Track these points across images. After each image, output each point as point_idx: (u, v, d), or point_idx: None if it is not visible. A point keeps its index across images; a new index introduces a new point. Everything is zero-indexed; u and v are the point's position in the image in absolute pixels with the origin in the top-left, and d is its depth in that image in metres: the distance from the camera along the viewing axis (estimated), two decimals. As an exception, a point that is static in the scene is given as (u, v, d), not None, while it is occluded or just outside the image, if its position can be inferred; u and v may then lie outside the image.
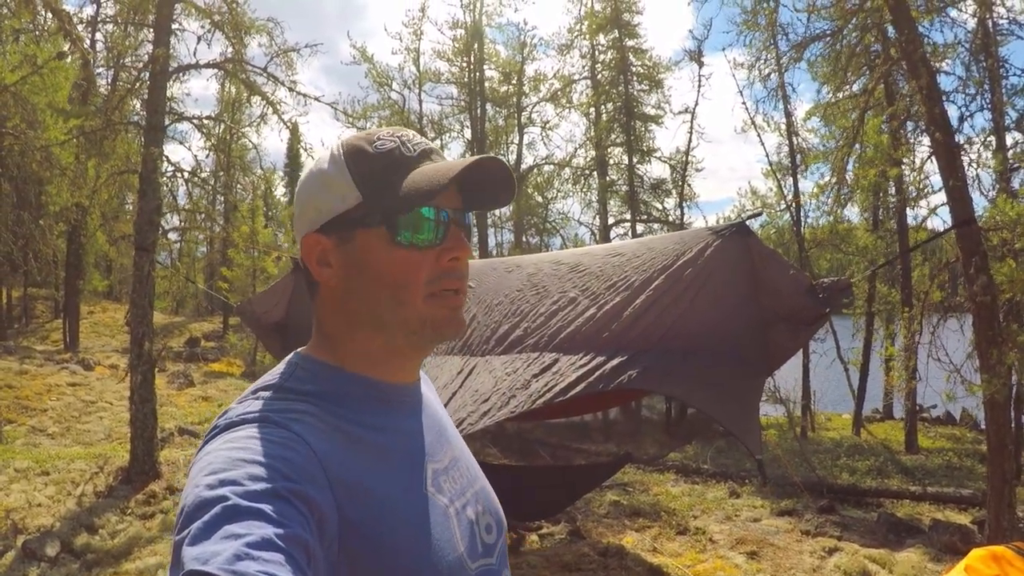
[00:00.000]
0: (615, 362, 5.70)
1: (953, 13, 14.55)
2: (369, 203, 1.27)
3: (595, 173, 29.20)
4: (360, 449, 1.22)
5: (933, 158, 9.50)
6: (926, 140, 14.07)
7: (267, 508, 0.97)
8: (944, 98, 8.30)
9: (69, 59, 15.37)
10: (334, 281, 1.31)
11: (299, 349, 1.38)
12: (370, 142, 1.31)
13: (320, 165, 1.33)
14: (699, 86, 25.82)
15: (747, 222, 6.34)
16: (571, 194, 31.30)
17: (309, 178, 1.35)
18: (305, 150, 16.88)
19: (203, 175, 21.94)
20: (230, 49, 13.04)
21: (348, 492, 1.14)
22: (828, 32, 15.23)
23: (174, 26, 11.47)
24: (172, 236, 30.46)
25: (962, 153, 9.73)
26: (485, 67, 30.43)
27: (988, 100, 14.19)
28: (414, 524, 1.22)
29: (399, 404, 1.37)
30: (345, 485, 1.14)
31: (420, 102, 30.08)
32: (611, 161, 29.33)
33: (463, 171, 1.25)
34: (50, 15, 13.66)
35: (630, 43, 28.67)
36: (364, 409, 1.29)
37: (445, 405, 5.87)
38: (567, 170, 30.86)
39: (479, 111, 30.00)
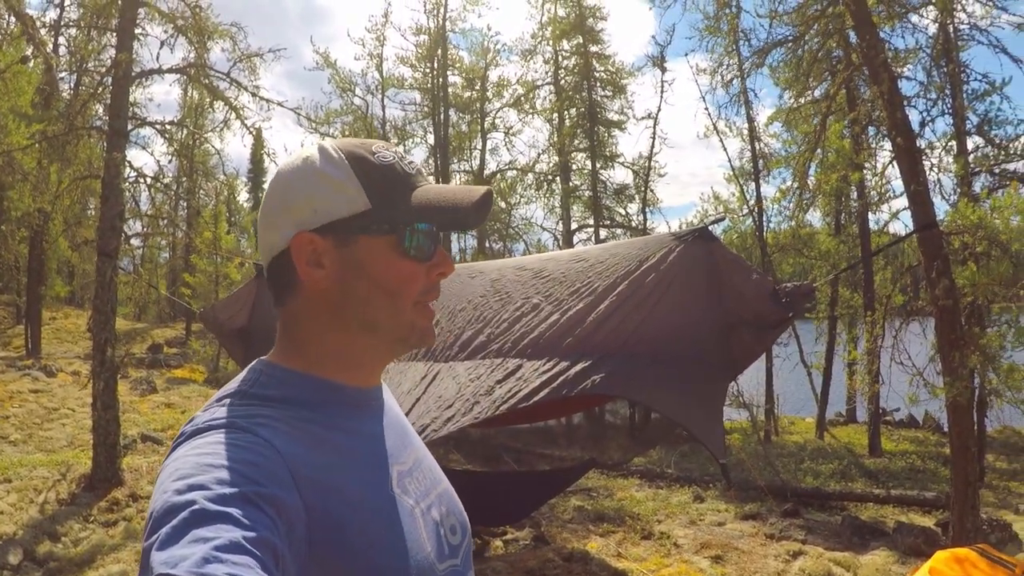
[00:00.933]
0: (579, 367, 5.71)
1: (914, 19, 14.69)
2: (377, 211, 1.28)
3: (558, 179, 29.27)
4: (326, 451, 1.22)
5: (895, 163, 9.56)
6: (888, 144, 14.23)
7: (235, 512, 0.97)
8: (905, 103, 8.38)
9: (32, 64, 15.20)
10: (325, 283, 1.30)
11: (262, 357, 1.37)
12: (369, 152, 1.32)
13: (313, 164, 1.31)
14: (662, 92, 25.99)
15: (710, 227, 6.38)
16: (534, 199, 31.31)
17: (301, 174, 1.32)
18: (268, 155, 16.86)
19: (166, 180, 21.77)
20: (193, 54, 12.98)
21: (316, 494, 1.14)
22: (790, 38, 15.35)
23: (137, 31, 11.35)
24: (135, 242, 30.19)
25: (923, 158, 9.81)
26: (448, 73, 30.41)
27: (949, 105, 14.35)
28: (383, 524, 1.23)
29: (364, 407, 1.38)
30: (313, 487, 1.14)
31: (383, 108, 30.07)
32: (574, 167, 29.38)
33: (484, 198, 1.30)
34: (13, 19, 13.51)
35: (594, 49, 28.75)
36: (329, 412, 1.29)
37: (408, 411, 5.88)
38: (530, 176, 30.85)
39: (442, 116, 29.96)
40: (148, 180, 13.68)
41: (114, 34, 11.60)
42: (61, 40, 22.54)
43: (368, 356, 1.36)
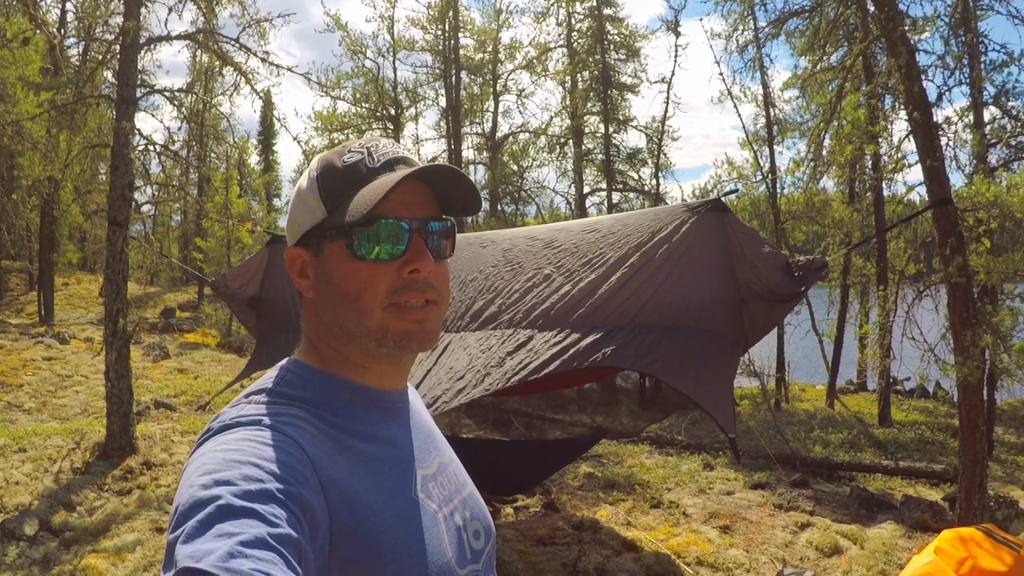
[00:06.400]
0: (589, 339, 5.72)
1: (933, -15, 14.52)
2: (331, 217, 1.29)
3: (571, 142, 29.18)
4: (350, 455, 1.23)
5: (911, 137, 9.47)
6: (904, 113, 14.12)
7: (261, 508, 0.98)
8: (922, 75, 8.27)
9: (32, 41, 15.12)
10: (311, 292, 1.34)
11: (291, 356, 1.40)
12: (340, 155, 1.33)
13: (302, 181, 1.37)
14: (675, 56, 25.88)
15: (723, 198, 6.35)
16: (547, 163, 31.34)
17: (293, 193, 1.39)
18: (278, 120, 16.77)
19: (175, 146, 21.71)
20: (201, 19, 12.90)
21: (339, 496, 1.15)
22: (806, 7, 15.18)
23: (144, -3, 11.28)
24: (146, 208, 30.20)
25: (940, 133, 9.71)
26: (460, 34, 30.24)
27: (967, 75, 14.19)
28: (404, 528, 1.23)
29: (387, 410, 1.39)
30: (336, 489, 1.15)
31: (395, 70, 29.94)
32: (587, 130, 29.30)
33: (400, 183, 1.25)
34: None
35: (607, 11, 28.58)
36: (354, 415, 1.30)
37: (419, 383, 5.89)
38: (543, 138, 30.81)
39: (454, 79, 29.82)
40: (158, 147, 13.62)
41: (121, 1, 11.53)
42: (69, 6, 22.51)
43: (366, 360, 1.35)
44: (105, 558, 7.60)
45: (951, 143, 13.73)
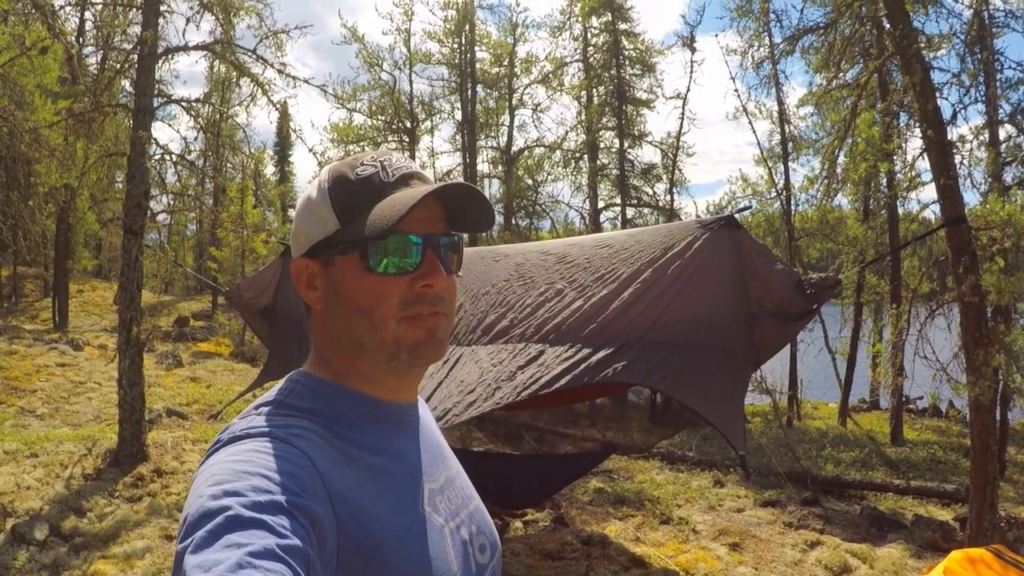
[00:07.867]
0: (601, 355, 5.70)
1: (949, 2, 14.47)
2: (345, 230, 1.28)
3: (586, 157, 29.18)
4: (359, 468, 1.23)
5: (925, 155, 9.44)
6: (919, 131, 14.06)
7: (270, 519, 0.98)
8: (937, 93, 8.24)
9: (51, 50, 15.23)
10: (319, 305, 1.33)
11: (299, 368, 1.39)
12: (353, 168, 1.32)
13: (311, 192, 1.35)
14: (691, 72, 25.94)
15: (736, 215, 6.35)
16: (562, 177, 31.30)
17: (301, 204, 1.38)
18: (294, 131, 16.83)
19: (191, 156, 21.80)
20: (219, 29, 12.97)
21: (348, 509, 1.15)
22: (821, 25, 15.17)
23: (162, 7, 11.31)
24: (161, 217, 30.34)
25: (954, 151, 9.66)
26: (476, 48, 30.34)
27: (982, 93, 14.12)
28: (411, 543, 1.23)
29: (397, 423, 1.38)
30: (345, 502, 1.15)
31: (411, 83, 29.97)
32: (602, 145, 29.31)
33: (424, 198, 1.25)
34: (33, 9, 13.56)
35: (623, 26, 28.64)
36: (363, 428, 1.30)
37: (431, 395, 5.89)
38: (558, 153, 30.80)
39: (470, 92, 29.88)
40: (174, 157, 13.68)
41: (139, 11, 11.59)
42: (87, 15, 22.67)
43: (377, 373, 1.34)
44: (115, 564, 7.62)
45: (966, 161, 13.61)
